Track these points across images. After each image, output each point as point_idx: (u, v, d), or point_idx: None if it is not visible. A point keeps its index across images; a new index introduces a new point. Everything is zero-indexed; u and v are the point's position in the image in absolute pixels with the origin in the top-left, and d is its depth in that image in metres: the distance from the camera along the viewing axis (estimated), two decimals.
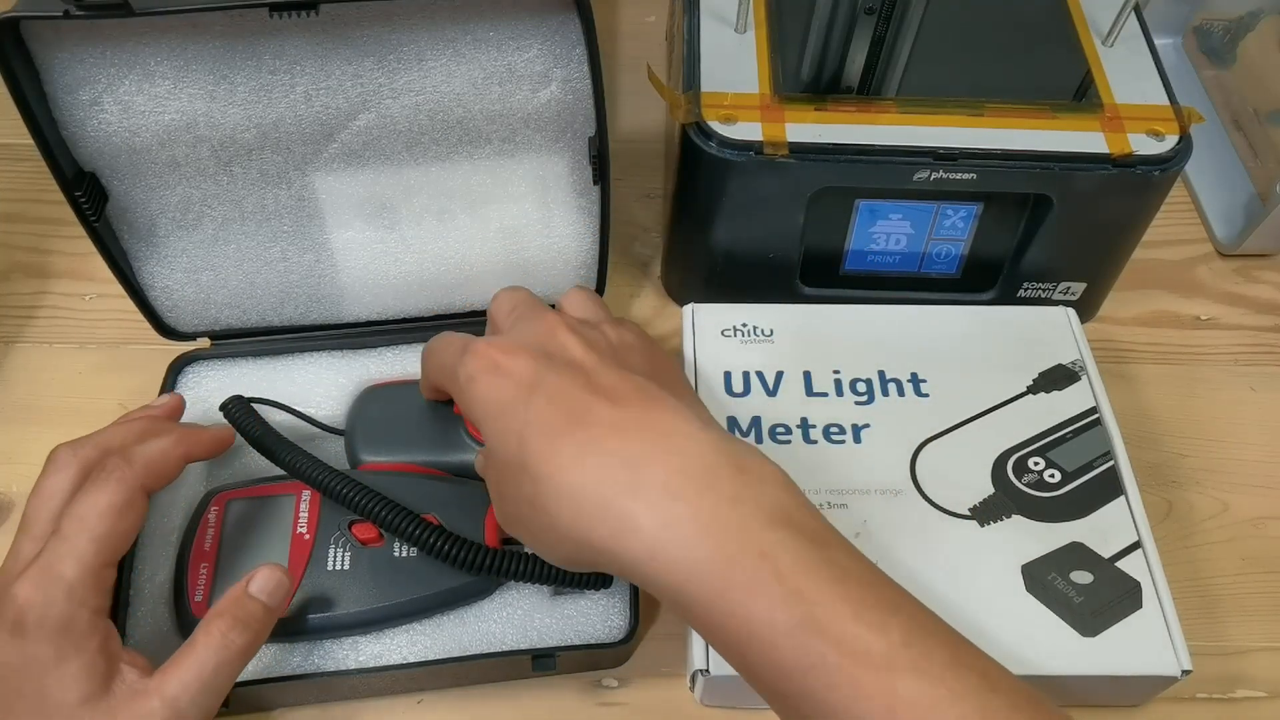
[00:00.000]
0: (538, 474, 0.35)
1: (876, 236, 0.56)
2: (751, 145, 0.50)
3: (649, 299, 0.61)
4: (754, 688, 0.33)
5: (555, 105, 0.48)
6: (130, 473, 0.38)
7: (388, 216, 0.52)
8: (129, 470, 0.38)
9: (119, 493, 0.37)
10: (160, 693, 0.35)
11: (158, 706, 0.35)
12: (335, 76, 0.45)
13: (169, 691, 0.35)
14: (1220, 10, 0.70)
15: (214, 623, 0.37)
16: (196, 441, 0.42)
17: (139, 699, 0.35)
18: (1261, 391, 0.58)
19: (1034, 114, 0.52)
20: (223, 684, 0.37)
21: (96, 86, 0.44)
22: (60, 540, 0.36)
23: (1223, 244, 0.64)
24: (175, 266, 0.51)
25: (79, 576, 0.36)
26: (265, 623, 0.38)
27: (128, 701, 0.35)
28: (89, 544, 0.36)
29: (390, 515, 0.43)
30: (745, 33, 0.55)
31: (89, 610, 0.36)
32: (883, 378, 0.51)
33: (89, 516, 0.37)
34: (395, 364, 0.54)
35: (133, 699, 0.35)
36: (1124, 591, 0.44)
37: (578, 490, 0.34)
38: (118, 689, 0.36)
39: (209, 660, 0.36)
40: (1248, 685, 0.48)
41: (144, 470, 0.39)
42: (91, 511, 0.37)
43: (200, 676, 0.36)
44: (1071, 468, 0.48)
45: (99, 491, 0.37)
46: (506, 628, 0.45)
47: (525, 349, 0.37)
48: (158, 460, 0.40)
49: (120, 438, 0.40)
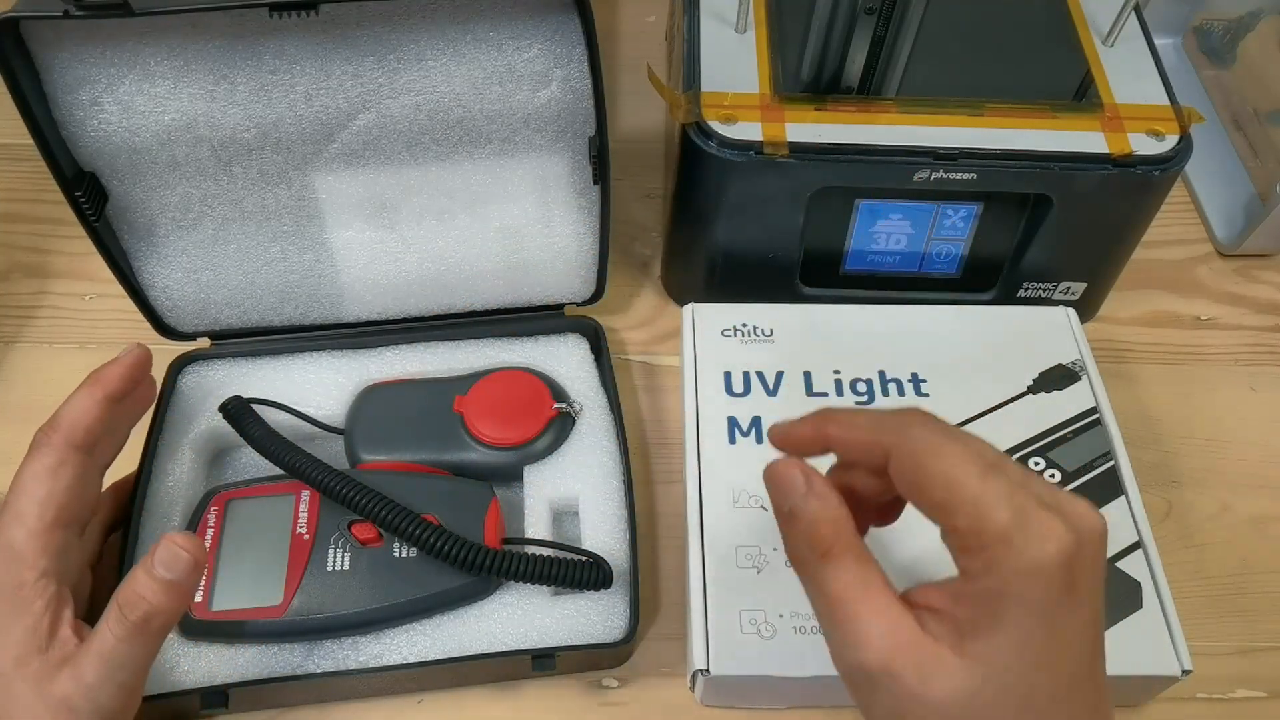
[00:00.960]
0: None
1: (876, 236, 0.56)
2: (751, 145, 0.50)
3: (649, 299, 0.61)
4: None
5: (555, 105, 0.48)
6: (55, 435, 0.40)
7: (388, 216, 0.52)
8: (53, 433, 0.40)
9: (48, 455, 0.39)
10: (74, 665, 0.36)
11: (68, 677, 0.36)
12: (335, 76, 0.45)
13: (79, 666, 0.36)
14: (1220, 10, 0.70)
15: (115, 600, 0.36)
16: (107, 379, 0.42)
17: (58, 668, 0.36)
18: (1261, 391, 0.58)
19: (1034, 114, 0.52)
20: (128, 659, 0.36)
21: (96, 86, 0.44)
22: (5, 509, 0.38)
23: (1223, 244, 0.64)
24: (175, 266, 0.51)
25: (24, 540, 0.37)
26: (167, 594, 0.36)
27: (50, 668, 0.36)
28: (29, 506, 0.38)
29: (390, 515, 0.43)
30: (745, 33, 0.55)
31: (36, 572, 0.37)
32: (883, 378, 0.51)
33: (26, 483, 0.39)
34: (395, 364, 0.54)
35: (54, 667, 0.36)
36: (1124, 592, 0.44)
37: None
38: (51, 654, 0.36)
39: (109, 637, 0.36)
40: (1248, 685, 0.48)
41: (66, 427, 0.40)
42: (26, 478, 0.39)
43: (102, 653, 0.36)
44: (1072, 468, 0.48)
45: (31, 460, 0.39)
46: (506, 628, 0.45)
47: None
48: (76, 414, 0.40)
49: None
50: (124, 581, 0.36)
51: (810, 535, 0.33)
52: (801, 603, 0.43)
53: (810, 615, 0.43)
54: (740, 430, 0.49)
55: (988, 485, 0.30)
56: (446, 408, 0.50)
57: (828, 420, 0.35)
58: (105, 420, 0.41)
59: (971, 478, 0.30)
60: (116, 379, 0.42)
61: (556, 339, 0.55)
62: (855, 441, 0.34)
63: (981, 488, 0.30)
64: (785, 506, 0.34)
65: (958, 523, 0.31)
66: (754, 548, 0.45)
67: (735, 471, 0.48)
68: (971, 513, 0.30)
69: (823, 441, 0.35)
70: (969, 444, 0.32)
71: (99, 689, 0.35)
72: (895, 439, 0.32)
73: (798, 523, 0.33)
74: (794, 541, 0.34)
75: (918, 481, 0.32)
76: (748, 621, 0.43)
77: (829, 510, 0.33)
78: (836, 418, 0.35)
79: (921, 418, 0.33)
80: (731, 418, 0.49)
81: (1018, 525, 0.30)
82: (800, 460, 0.34)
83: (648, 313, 0.61)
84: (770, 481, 0.35)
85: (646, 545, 0.50)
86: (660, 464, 0.54)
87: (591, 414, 0.52)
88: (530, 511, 0.48)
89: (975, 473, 0.31)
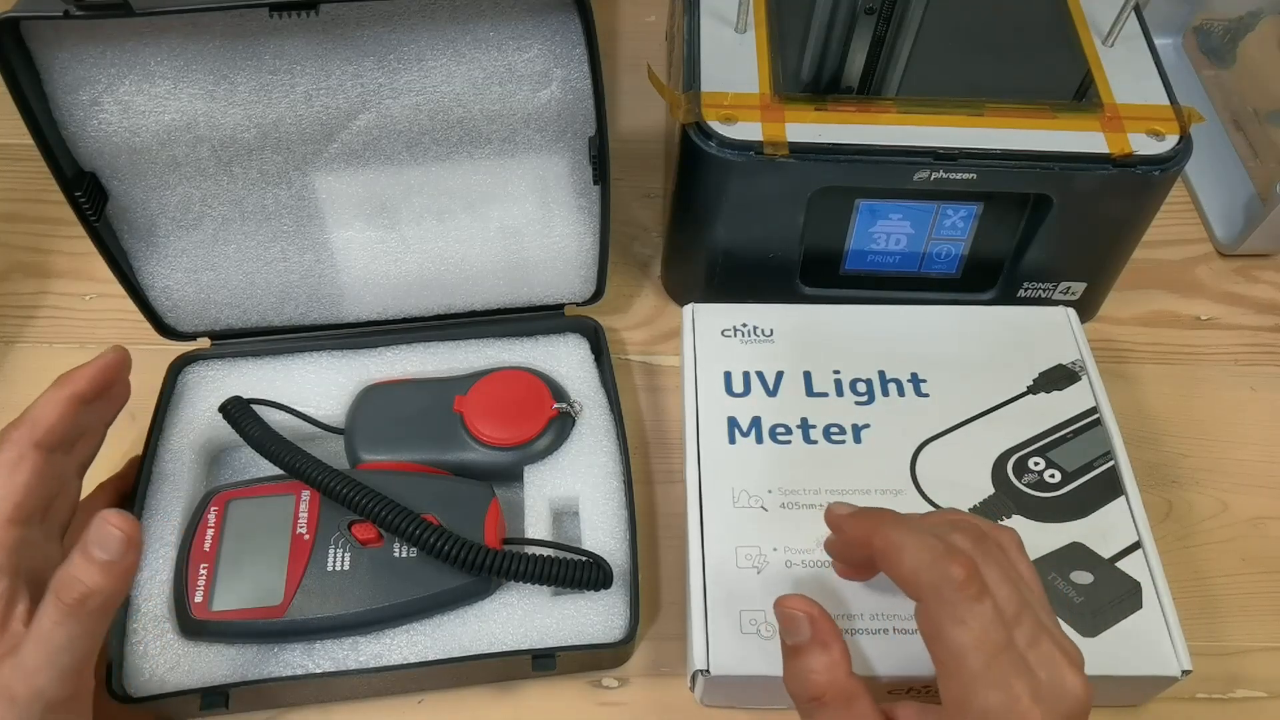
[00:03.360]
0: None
1: (876, 236, 0.56)
2: (751, 145, 0.50)
3: (649, 299, 0.61)
4: None
5: (555, 105, 0.48)
6: (17, 432, 0.39)
7: (388, 216, 0.52)
8: (16, 431, 0.39)
9: (8, 450, 0.39)
10: (15, 653, 0.35)
11: (8, 666, 0.35)
12: (335, 76, 0.45)
13: (20, 653, 0.35)
14: (1220, 10, 0.70)
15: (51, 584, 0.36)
16: (75, 379, 0.41)
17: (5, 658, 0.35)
18: (1261, 391, 0.58)
19: (1034, 114, 0.52)
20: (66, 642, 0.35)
21: (96, 86, 0.44)
22: None
23: (1223, 244, 0.64)
24: (175, 266, 0.51)
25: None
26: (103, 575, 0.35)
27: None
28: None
29: (390, 515, 0.43)
30: (745, 33, 0.55)
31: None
32: (883, 378, 0.51)
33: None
34: (395, 364, 0.54)
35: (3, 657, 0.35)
36: (1124, 591, 0.44)
37: None
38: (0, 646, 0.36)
39: (46, 622, 0.35)
40: (1248, 685, 0.48)
41: (29, 425, 0.39)
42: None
43: (40, 637, 0.35)
44: (1072, 468, 0.48)
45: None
46: (506, 628, 0.45)
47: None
48: (41, 413, 0.40)
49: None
50: (62, 565, 0.35)
51: (806, 679, 0.37)
52: None
53: None
54: (740, 430, 0.49)
55: (989, 670, 0.33)
56: (446, 408, 0.50)
57: (876, 532, 0.37)
58: (72, 420, 0.41)
59: (978, 659, 0.33)
60: (85, 380, 0.42)
61: (556, 339, 0.55)
62: (895, 572, 0.36)
63: (982, 672, 0.33)
64: (790, 641, 0.38)
65: (950, 689, 0.34)
66: (754, 548, 0.45)
67: (735, 472, 0.48)
68: (965, 688, 0.33)
69: (868, 548, 0.38)
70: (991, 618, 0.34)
71: (38, 674, 0.35)
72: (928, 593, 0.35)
73: (796, 661, 0.37)
74: (791, 677, 0.38)
75: (932, 636, 0.35)
76: (747, 621, 0.43)
77: (827, 659, 0.37)
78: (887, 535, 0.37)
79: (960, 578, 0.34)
80: (731, 418, 0.49)
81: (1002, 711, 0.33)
82: (809, 602, 0.38)
83: (648, 313, 0.61)
84: (780, 615, 0.38)
85: (646, 545, 0.51)
86: (660, 464, 0.54)
87: (591, 414, 0.52)
88: (530, 511, 0.48)
89: (984, 655, 0.33)
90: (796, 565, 0.45)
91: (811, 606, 0.38)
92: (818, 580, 0.44)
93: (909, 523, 0.38)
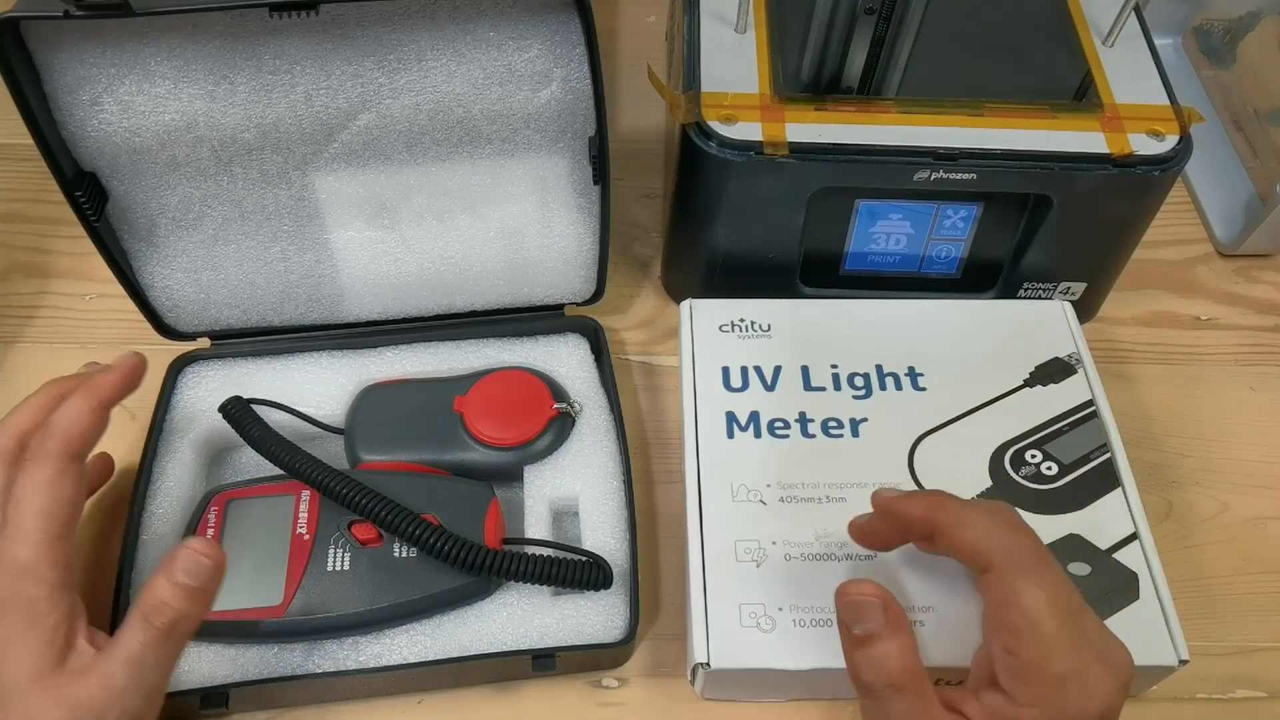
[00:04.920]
0: None
1: (876, 237, 0.56)
2: (751, 145, 0.50)
3: (649, 299, 0.61)
4: None
5: (555, 105, 0.48)
6: (52, 445, 0.39)
7: (388, 216, 0.52)
8: (50, 443, 0.39)
9: (47, 467, 0.38)
10: (99, 672, 0.36)
11: (95, 684, 0.36)
12: (335, 76, 0.45)
13: (105, 671, 0.36)
14: (1220, 10, 0.70)
15: (138, 605, 0.37)
16: (103, 388, 0.42)
17: (82, 677, 0.36)
18: (1261, 391, 0.58)
19: (1034, 114, 0.52)
20: (154, 663, 0.36)
21: (96, 86, 0.44)
22: (6, 526, 0.37)
23: (1223, 244, 0.64)
24: (175, 266, 0.51)
25: (32, 556, 0.37)
26: (190, 600, 0.37)
27: (74, 678, 0.36)
28: (33, 522, 0.37)
29: (390, 515, 0.43)
30: (745, 33, 0.55)
31: (47, 586, 0.37)
32: (880, 372, 0.51)
33: (25, 498, 0.38)
34: (395, 364, 0.54)
35: (78, 676, 0.36)
36: (1121, 583, 0.44)
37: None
38: (70, 664, 0.36)
39: (135, 644, 0.36)
40: (1248, 685, 0.48)
41: (63, 439, 0.39)
42: (27, 493, 0.38)
43: (129, 659, 0.36)
44: (1068, 460, 0.48)
45: (28, 473, 0.38)
46: (506, 628, 0.45)
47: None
48: (73, 424, 0.40)
49: (32, 415, 0.41)
50: (145, 589, 0.37)
51: (882, 666, 0.36)
52: (801, 596, 0.43)
53: (810, 609, 0.43)
54: (739, 425, 0.49)
55: (1064, 631, 0.34)
56: (446, 408, 0.50)
57: (941, 509, 0.38)
58: (101, 428, 0.41)
59: (1053, 620, 0.34)
60: (112, 388, 0.42)
61: (556, 339, 0.55)
62: (964, 542, 0.37)
63: (1058, 633, 0.34)
64: (858, 630, 0.36)
65: (1023, 652, 0.34)
66: (753, 542, 0.45)
67: (734, 466, 0.48)
68: (1042, 651, 0.34)
69: (930, 526, 0.38)
70: (1060, 583, 0.35)
71: (127, 693, 0.36)
72: (1000, 558, 0.36)
73: (869, 649, 0.36)
74: (863, 665, 0.36)
75: (1005, 602, 0.35)
76: (747, 615, 0.43)
77: (901, 643, 0.36)
78: (951, 510, 0.38)
79: (1030, 543, 0.36)
80: (730, 413, 0.49)
81: (1077, 675, 0.34)
82: (877, 586, 0.37)
83: (648, 313, 0.61)
84: (846, 604, 0.37)
85: (646, 545, 0.50)
86: (660, 464, 0.54)
87: (591, 414, 0.52)
88: (530, 511, 0.48)
89: (1058, 616, 0.34)
90: (795, 559, 0.45)
91: (881, 591, 0.37)
92: (817, 573, 0.44)
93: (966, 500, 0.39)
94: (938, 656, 0.41)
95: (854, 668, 0.37)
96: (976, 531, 0.37)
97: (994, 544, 0.36)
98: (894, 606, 0.36)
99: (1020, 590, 0.35)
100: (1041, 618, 0.34)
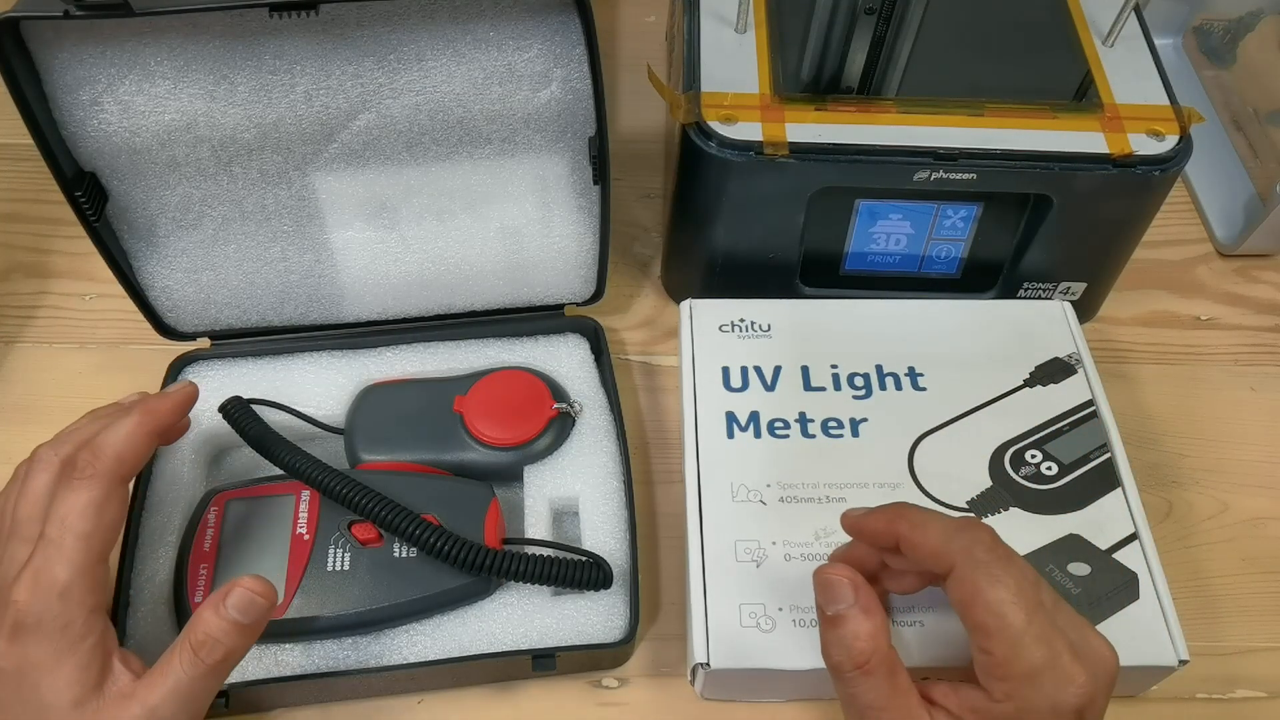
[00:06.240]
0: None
1: (876, 237, 0.56)
2: (751, 145, 0.50)
3: (649, 299, 0.61)
4: None
5: (555, 105, 0.48)
6: (102, 466, 0.38)
7: (388, 216, 0.52)
8: (100, 464, 0.38)
9: (95, 488, 0.38)
10: (143, 700, 0.36)
11: (139, 713, 0.35)
12: (335, 76, 0.45)
13: (150, 700, 0.36)
14: (1220, 10, 0.70)
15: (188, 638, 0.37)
16: (159, 413, 0.41)
17: (124, 703, 0.36)
18: (1261, 391, 0.58)
19: (1034, 114, 0.52)
20: (202, 693, 0.37)
21: (96, 86, 0.44)
22: (48, 544, 0.37)
23: (1223, 244, 0.64)
24: (175, 266, 0.51)
25: (71, 578, 0.36)
26: (241, 636, 0.37)
27: (114, 704, 0.36)
28: (75, 543, 0.37)
29: (390, 515, 0.43)
30: (745, 33, 0.55)
31: (85, 610, 0.36)
32: (880, 372, 0.51)
33: (70, 517, 0.37)
34: (395, 364, 0.54)
35: (119, 702, 0.36)
36: (1121, 583, 0.44)
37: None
38: (109, 689, 0.36)
39: (183, 676, 0.36)
40: (1248, 685, 0.48)
41: (114, 461, 0.39)
42: (72, 512, 0.37)
43: (177, 690, 0.36)
44: (1068, 460, 0.48)
45: (76, 491, 0.37)
46: (506, 628, 0.45)
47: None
48: (126, 447, 0.39)
49: (85, 434, 0.40)
50: (193, 622, 0.37)
51: (850, 647, 0.36)
52: (800, 596, 0.43)
53: (810, 609, 0.43)
54: (739, 425, 0.49)
55: (1031, 625, 0.34)
56: (446, 408, 0.50)
57: (900, 518, 0.38)
58: (148, 455, 0.41)
59: (1019, 614, 0.34)
60: (167, 413, 0.41)
61: (556, 339, 0.55)
62: (923, 546, 0.37)
63: (1025, 627, 0.34)
64: (830, 611, 0.37)
65: (994, 649, 0.34)
66: (753, 542, 0.45)
67: (734, 466, 0.48)
68: (1010, 646, 0.34)
69: (892, 537, 0.38)
70: (1023, 577, 0.35)
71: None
72: (961, 558, 0.36)
73: (839, 630, 0.37)
74: (833, 646, 0.37)
75: (969, 601, 0.35)
76: (747, 615, 0.43)
77: (871, 625, 0.37)
78: (910, 517, 0.38)
79: (988, 540, 0.36)
80: (730, 413, 0.49)
81: (1048, 667, 0.34)
82: (851, 570, 0.38)
83: (648, 313, 0.61)
84: (820, 585, 0.38)
85: (646, 545, 0.50)
86: (660, 464, 0.54)
87: (591, 414, 0.52)
88: (530, 511, 0.48)
89: (1024, 610, 0.34)
90: (795, 558, 0.45)
91: (853, 574, 0.38)
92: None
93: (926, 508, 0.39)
94: (938, 657, 0.41)
95: (825, 649, 0.38)
96: (933, 534, 0.37)
97: (952, 544, 0.36)
98: (866, 589, 0.37)
99: (982, 587, 0.35)
100: (1007, 612, 0.34)
